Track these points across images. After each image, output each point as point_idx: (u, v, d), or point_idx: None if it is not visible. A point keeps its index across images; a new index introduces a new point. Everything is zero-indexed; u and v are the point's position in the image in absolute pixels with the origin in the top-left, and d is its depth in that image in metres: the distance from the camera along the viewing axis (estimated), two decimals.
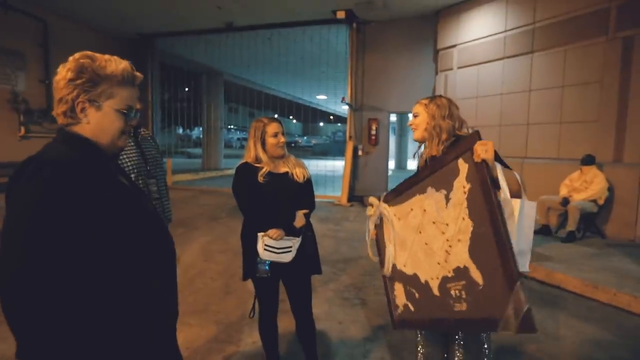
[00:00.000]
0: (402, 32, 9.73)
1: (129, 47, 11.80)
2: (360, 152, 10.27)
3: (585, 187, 5.72)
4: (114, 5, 9.13)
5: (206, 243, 5.86)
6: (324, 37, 10.55)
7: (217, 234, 6.44)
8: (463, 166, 1.44)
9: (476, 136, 1.41)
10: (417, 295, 1.75)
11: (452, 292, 1.53)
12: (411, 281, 1.78)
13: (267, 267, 2.27)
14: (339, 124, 43.84)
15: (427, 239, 1.64)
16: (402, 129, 20.92)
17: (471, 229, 1.42)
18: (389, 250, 1.88)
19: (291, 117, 45.92)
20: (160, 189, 2.48)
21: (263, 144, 2.31)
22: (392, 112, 10.72)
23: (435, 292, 1.62)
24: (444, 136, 1.85)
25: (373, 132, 10.24)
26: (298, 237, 2.32)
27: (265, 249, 2.25)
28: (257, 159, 2.32)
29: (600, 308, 3.76)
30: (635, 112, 5.73)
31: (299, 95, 25.62)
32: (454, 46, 8.61)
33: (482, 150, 1.38)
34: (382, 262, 1.98)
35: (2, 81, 8.69)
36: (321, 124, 51.51)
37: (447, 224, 1.52)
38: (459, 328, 1.64)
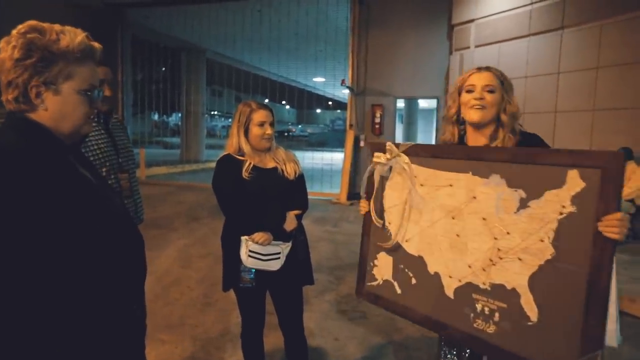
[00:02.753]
0: (412, 5, 9.68)
1: (94, 18, 11.66)
2: (362, 143, 10.24)
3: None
4: None
5: (184, 247, 5.81)
6: (321, 11, 10.47)
7: (197, 236, 6.40)
8: (575, 182, 1.22)
9: (621, 161, 1.17)
10: (413, 280, 1.65)
11: (478, 306, 1.43)
12: (410, 262, 1.66)
13: (251, 276, 2.22)
14: (339, 111, 43.82)
15: (462, 232, 1.49)
16: (410, 116, 20.84)
17: (549, 257, 1.27)
18: (394, 213, 1.70)
19: (284, 103, 45.80)
20: (132, 184, 2.44)
21: (247, 132, 2.27)
22: (399, 98, 10.68)
23: (448, 292, 1.53)
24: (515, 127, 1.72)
25: (377, 120, 10.20)
26: (288, 242, 2.28)
27: (249, 256, 2.20)
28: (240, 150, 2.28)
29: (637, 325, 3.74)
30: None
31: (293, 77, 25.52)
32: (471, 21, 8.56)
33: (614, 231, 1.15)
34: (382, 227, 1.77)
35: None
36: (318, 110, 51.47)
37: (507, 232, 1.36)
38: (471, 346, 1.54)
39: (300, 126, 48.40)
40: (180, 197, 9.91)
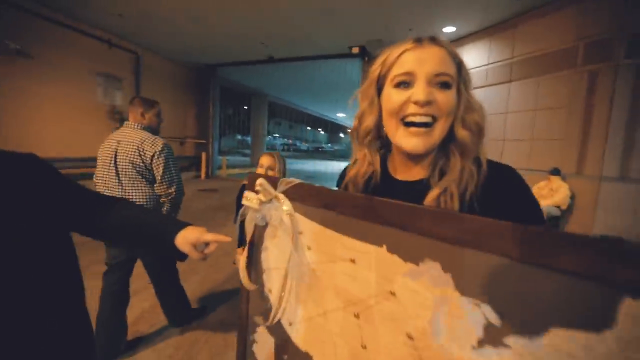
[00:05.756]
0: None
1: (197, 74, 11.80)
2: None
3: (551, 194, 5.14)
4: (188, 43, 9.08)
5: None
6: (342, 68, 10.19)
7: None
8: None
9: None
10: None
11: None
12: (295, 356, 0.66)
13: None
14: None
15: (371, 343, 0.52)
16: None
17: None
18: (275, 279, 0.69)
19: (319, 129, 45.63)
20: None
21: None
22: None
23: None
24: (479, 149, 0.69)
25: None
26: None
27: None
28: None
29: None
30: (596, 134, 5.08)
31: (325, 112, 25.25)
32: None
33: None
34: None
35: (107, 98, 8.83)
36: (341, 134, 50.89)
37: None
38: None
39: (329, 145, 47.94)
40: None
